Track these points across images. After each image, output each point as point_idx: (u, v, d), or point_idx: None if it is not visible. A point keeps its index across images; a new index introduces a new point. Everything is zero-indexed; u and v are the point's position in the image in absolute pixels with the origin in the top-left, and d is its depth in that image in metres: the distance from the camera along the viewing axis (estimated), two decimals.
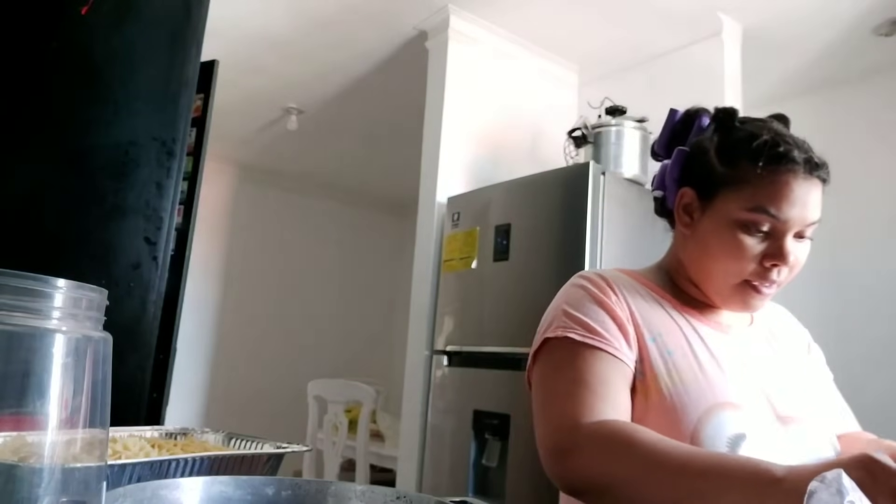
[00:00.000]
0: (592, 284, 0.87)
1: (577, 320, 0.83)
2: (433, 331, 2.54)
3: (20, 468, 0.36)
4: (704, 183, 0.86)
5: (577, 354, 0.80)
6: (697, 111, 0.92)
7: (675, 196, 0.90)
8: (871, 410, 2.82)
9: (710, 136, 0.89)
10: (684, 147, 0.91)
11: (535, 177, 2.33)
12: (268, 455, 0.78)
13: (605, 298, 0.85)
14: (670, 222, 0.95)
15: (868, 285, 2.85)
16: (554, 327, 0.84)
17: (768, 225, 0.81)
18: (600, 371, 0.79)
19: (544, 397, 0.81)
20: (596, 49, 2.96)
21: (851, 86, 3.01)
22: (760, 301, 0.86)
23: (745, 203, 0.81)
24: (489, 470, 2.17)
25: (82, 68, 1.30)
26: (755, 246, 0.81)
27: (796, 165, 0.81)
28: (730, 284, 0.85)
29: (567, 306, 0.86)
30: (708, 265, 0.86)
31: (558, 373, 0.81)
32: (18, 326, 0.35)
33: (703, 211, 0.86)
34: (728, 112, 0.89)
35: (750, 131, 0.85)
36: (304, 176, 5.07)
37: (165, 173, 1.34)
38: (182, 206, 2.01)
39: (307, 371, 4.06)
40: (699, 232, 0.87)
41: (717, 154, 0.85)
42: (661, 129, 0.96)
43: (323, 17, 2.83)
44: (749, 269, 0.82)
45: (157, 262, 1.33)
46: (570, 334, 0.82)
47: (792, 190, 0.80)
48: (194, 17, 1.43)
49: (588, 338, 0.81)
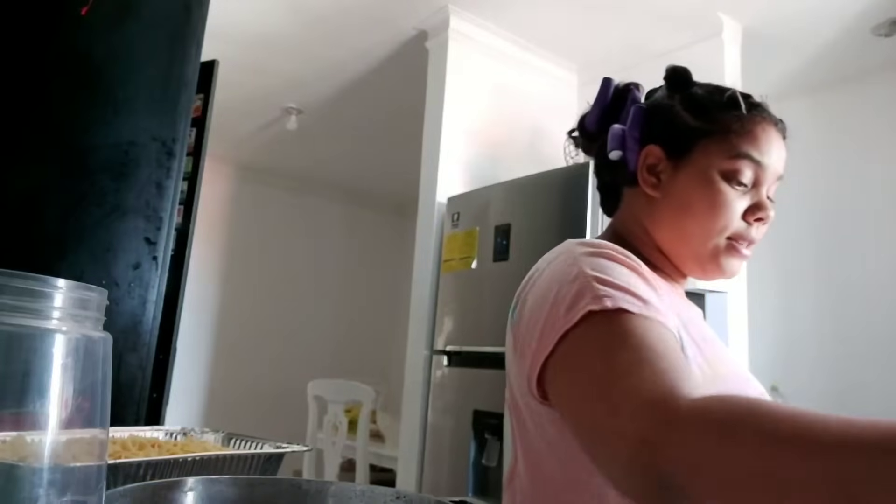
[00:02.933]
0: (610, 248, 0.72)
1: (621, 288, 0.64)
2: (433, 331, 2.54)
3: (20, 468, 0.36)
4: (676, 138, 0.82)
5: (639, 326, 0.61)
6: (627, 85, 0.88)
7: (637, 156, 0.83)
8: (871, 410, 2.82)
9: (664, 95, 0.86)
10: (641, 105, 0.85)
11: (535, 177, 2.33)
12: (268, 455, 0.78)
13: (634, 264, 0.71)
14: (614, 195, 0.90)
15: (868, 285, 2.84)
16: (592, 298, 0.63)
17: (749, 174, 0.79)
18: (669, 342, 0.61)
19: (604, 378, 0.59)
20: (596, 49, 2.97)
21: (851, 86, 3.01)
22: (740, 264, 0.82)
23: (727, 151, 0.79)
24: (489, 470, 2.17)
25: (82, 68, 1.30)
26: (737, 199, 0.79)
27: (770, 115, 0.82)
28: (709, 246, 0.80)
29: (596, 272, 0.67)
30: (687, 225, 0.81)
31: (617, 348, 0.60)
32: (19, 326, 0.35)
33: (677, 168, 0.82)
34: (683, 69, 0.86)
35: (713, 85, 0.85)
36: (303, 176, 5.07)
37: (165, 173, 1.34)
38: (182, 206, 2.01)
39: (307, 371, 4.06)
40: (673, 191, 0.81)
41: (687, 108, 0.82)
42: (592, 105, 0.90)
43: (323, 16, 2.83)
44: (732, 225, 0.79)
45: (157, 262, 1.33)
46: (623, 305, 0.62)
47: (770, 136, 0.80)
48: (194, 17, 1.43)
49: (644, 308, 0.63)
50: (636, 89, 0.88)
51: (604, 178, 0.92)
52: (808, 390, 2.78)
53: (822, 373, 2.85)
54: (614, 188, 0.90)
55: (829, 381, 2.81)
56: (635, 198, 0.86)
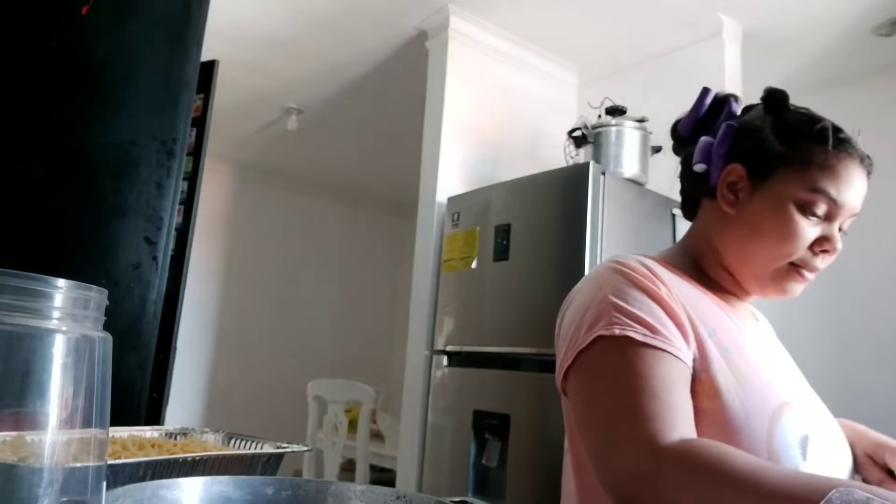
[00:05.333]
0: (637, 273, 0.78)
1: (633, 316, 0.73)
2: (433, 331, 2.54)
3: (20, 468, 0.36)
4: (759, 161, 0.83)
5: (640, 358, 0.71)
6: (727, 97, 0.90)
7: (720, 172, 0.85)
8: (870, 410, 2.83)
9: (758, 115, 0.87)
10: (732, 123, 0.87)
11: (535, 177, 2.33)
12: (268, 455, 0.78)
13: (655, 289, 0.77)
14: (693, 203, 0.92)
15: (868, 285, 2.85)
16: (605, 323, 0.74)
17: (824, 208, 0.80)
18: (668, 377, 0.71)
19: (606, 412, 0.71)
20: (596, 49, 2.96)
21: (851, 86, 3.01)
22: (801, 287, 0.84)
23: (806, 183, 0.79)
24: (489, 470, 2.17)
25: (82, 68, 1.30)
26: (808, 229, 0.80)
27: (858, 153, 0.82)
28: (773, 268, 0.82)
29: (615, 298, 0.76)
30: (753, 247, 0.83)
31: (619, 380, 0.71)
32: (18, 326, 0.35)
33: (755, 189, 0.83)
34: (781, 92, 0.87)
35: (807, 113, 0.85)
36: (303, 176, 5.07)
37: (165, 173, 1.34)
38: (182, 206, 2.01)
39: (307, 371, 4.06)
40: (747, 211, 0.83)
41: (776, 133, 0.83)
42: (689, 112, 0.92)
43: (323, 16, 2.83)
44: (798, 252, 0.81)
45: (157, 262, 1.33)
46: (629, 333, 0.72)
47: (852, 175, 0.81)
48: (194, 16, 1.43)
49: (650, 337, 0.72)
50: (734, 101, 0.89)
51: (685, 185, 0.94)
52: None
53: (822, 373, 2.85)
54: (694, 197, 0.93)
55: (829, 381, 2.81)
56: (711, 210, 0.88)
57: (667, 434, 0.66)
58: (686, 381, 0.73)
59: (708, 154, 0.86)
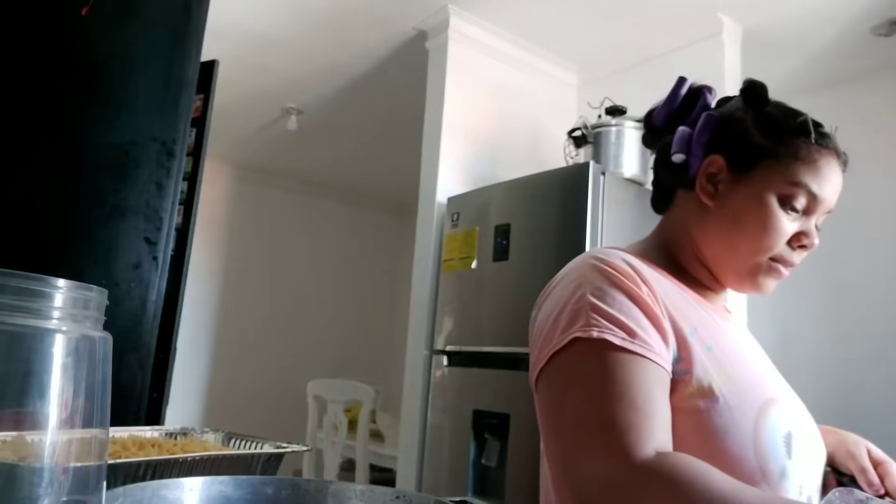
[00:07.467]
0: (618, 272, 0.76)
1: (611, 318, 0.71)
2: (433, 330, 2.54)
3: (20, 468, 0.36)
4: (742, 153, 0.82)
5: (617, 363, 0.69)
6: (701, 87, 0.89)
7: (700, 162, 0.84)
8: (870, 410, 2.83)
9: (738, 107, 0.86)
10: (712, 113, 0.86)
11: (534, 177, 2.33)
12: (268, 455, 0.78)
13: (637, 289, 0.75)
14: (667, 195, 0.90)
15: (868, 285, 2.84)
16: (583, 325, 0.71)
17: (804, 202, 0.80)
18: (645, 383, 0.69)
19: (580, 417, 0.69)
20: (596, 49, 2.97)
21: (851, 86, 3.01)
22: (776, 283, 0.84)
23: (787, 177, 0.79)
24: (489, 470, 2.17)
25: (82, 68, 1.30)
26: (787, 223, 0.80)
27: (837, 147, 0.82)
28: (751, 263, 0.82)
29: (594, 298, 0.73)
30: (734, 240, 0.82)
31: (594, 385, 0.69)
32: (19, 326, 0.35)
33: (736, 182, 0.82)
34: (761, 85, 0.86)
35: (787, 107, 0.84)
36: (303, 176, 5.07)
37: (165, 173, 1.34)
38: (182, 206, 2.01)
39: (307, 371, 4.06)
40: (728, 204, 0.82)
41: (758, 125, 0.83)
42: (664, 101, 0.90)
43: (323, 17, 2.83)
44: (777, 247, 0.81)
45: (157, 262, 1.33)
46: (607, 336, 0.70)
47: (831, 171, 0.81)
48: (194, 17, 1.43)
49: (628, 342, 0.70)
50: (709, 93, 0.88)
51: (660, 176, 0.92)
52: (807, 391, 2.77)
53: (822, 374, 2.85)
54: (669, 188, 0.91)
55: (829, 381, 2.81)
56: (688, 202, 0.87)
57: (642, 445, 0.64)
58: (664, 386, 0.71)
59: (687, 144, 0.84)
